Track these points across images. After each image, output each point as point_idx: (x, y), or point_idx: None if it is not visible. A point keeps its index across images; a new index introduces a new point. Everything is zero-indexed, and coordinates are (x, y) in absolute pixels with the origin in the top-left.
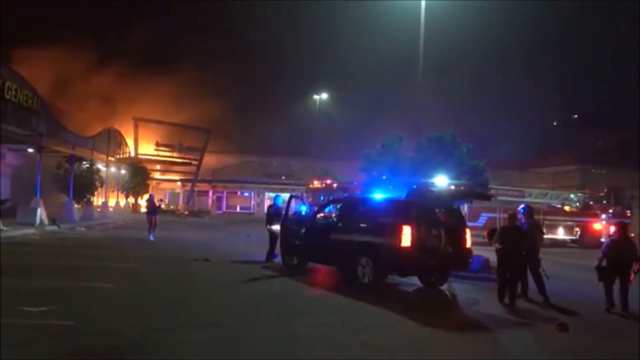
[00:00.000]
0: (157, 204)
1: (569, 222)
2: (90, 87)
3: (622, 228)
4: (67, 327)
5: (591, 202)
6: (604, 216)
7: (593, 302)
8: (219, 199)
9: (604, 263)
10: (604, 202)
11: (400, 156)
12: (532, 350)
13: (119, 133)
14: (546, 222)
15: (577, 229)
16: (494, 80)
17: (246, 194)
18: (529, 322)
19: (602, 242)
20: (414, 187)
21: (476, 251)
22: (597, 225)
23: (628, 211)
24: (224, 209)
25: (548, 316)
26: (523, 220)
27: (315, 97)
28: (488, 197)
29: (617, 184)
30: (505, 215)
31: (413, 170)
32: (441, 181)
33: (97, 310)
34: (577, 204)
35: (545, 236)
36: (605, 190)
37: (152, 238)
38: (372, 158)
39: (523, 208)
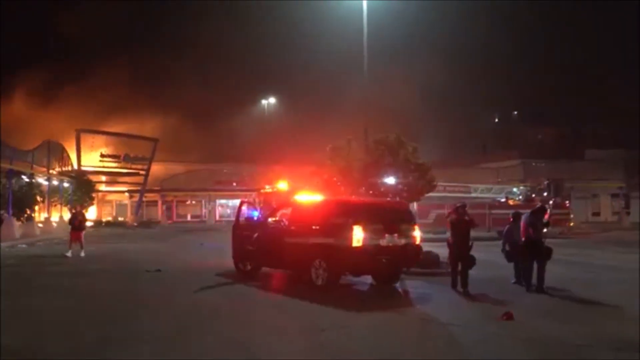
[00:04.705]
0: (79, 219)
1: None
2: (30, 99)
3: (516, 217)
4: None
5: (533, 195)
6: None
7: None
8: (169, 209)
9: (507, 247)
10: (545, 194)
11: (350, 158)
12: (485, 341)
13: (60, 145)
14: (492, 215)
15: None
16: (439, 80)
17: (196, 202)
18: (479, 312)
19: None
20: None
21: (425, 247)
22: None
23: (567, 201)
24: (174, 218)
25: (498, 305)
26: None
27: (264, 102)
28: None
29: (557, 175)
30: None
31: (363, 172)
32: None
33: (43, 329)
34: (520, 197)
35: (493, 228)
36: (546, 182)
37: (69, 254)
38: (323, 161)
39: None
